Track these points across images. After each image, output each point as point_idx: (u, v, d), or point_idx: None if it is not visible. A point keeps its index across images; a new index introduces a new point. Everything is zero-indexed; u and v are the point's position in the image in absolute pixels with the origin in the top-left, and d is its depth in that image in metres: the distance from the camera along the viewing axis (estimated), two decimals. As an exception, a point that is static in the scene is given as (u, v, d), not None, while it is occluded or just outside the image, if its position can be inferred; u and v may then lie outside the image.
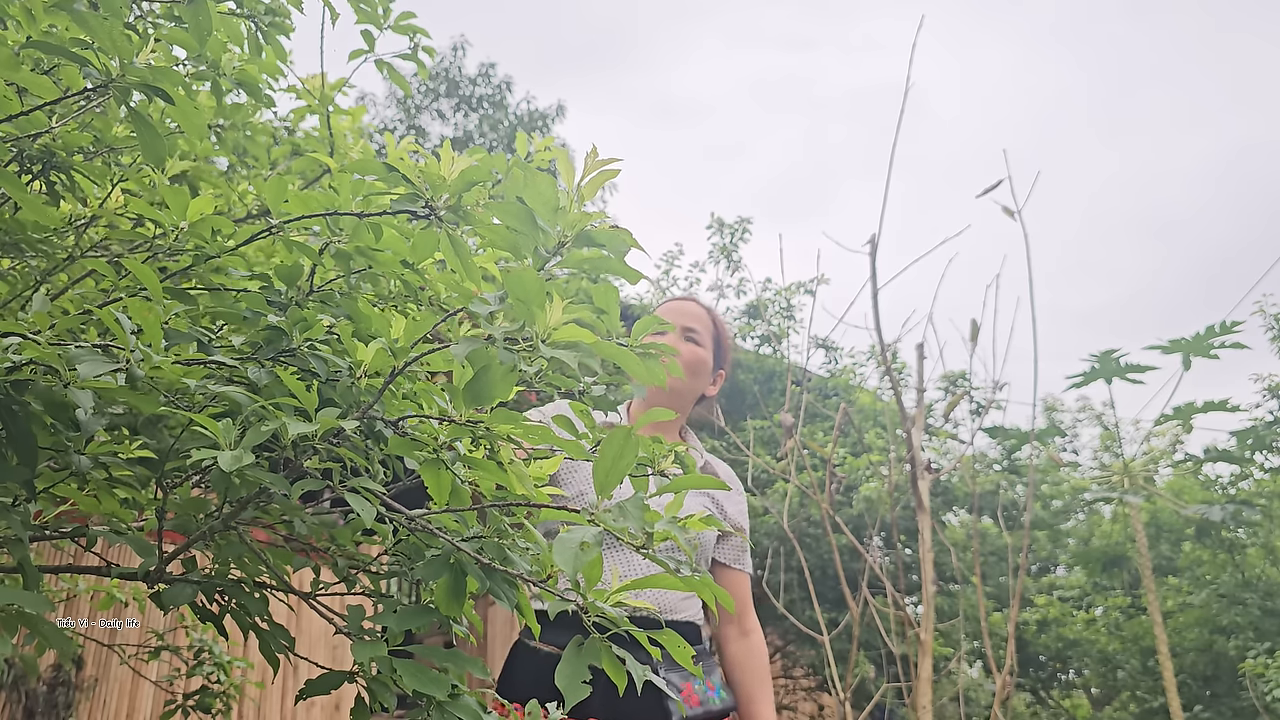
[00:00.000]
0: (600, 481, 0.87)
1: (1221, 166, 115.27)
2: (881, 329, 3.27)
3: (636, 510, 0.85)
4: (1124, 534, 8.73)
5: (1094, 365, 4.29)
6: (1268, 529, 7.79)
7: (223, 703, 3.13)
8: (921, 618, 3.05)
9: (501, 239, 0.87)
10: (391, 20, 1.26)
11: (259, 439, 0.84)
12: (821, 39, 68.14)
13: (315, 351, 0.96)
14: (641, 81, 43.27)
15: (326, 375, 0.96)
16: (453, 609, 0.95)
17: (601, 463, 0.86)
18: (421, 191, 0.91)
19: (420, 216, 0.91)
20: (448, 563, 0.94)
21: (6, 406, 0.82)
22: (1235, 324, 4.11)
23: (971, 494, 7.84)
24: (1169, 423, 4.78)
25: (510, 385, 0.86)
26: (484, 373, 0.85)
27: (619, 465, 0.86)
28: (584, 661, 0.89)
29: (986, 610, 6.77)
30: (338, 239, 0.98)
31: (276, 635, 1.06)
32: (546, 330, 0.85)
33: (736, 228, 9.52)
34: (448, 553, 0.94)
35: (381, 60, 1.32)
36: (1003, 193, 15.87)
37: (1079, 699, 9.98)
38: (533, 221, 0.86)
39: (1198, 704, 7.87)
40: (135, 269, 0.83)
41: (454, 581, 0.95)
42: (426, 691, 0.91)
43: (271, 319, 0.98)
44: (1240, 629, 7.56)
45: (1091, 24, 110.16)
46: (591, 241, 0.89)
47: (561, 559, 0.80)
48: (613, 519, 0.85)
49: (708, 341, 1.94)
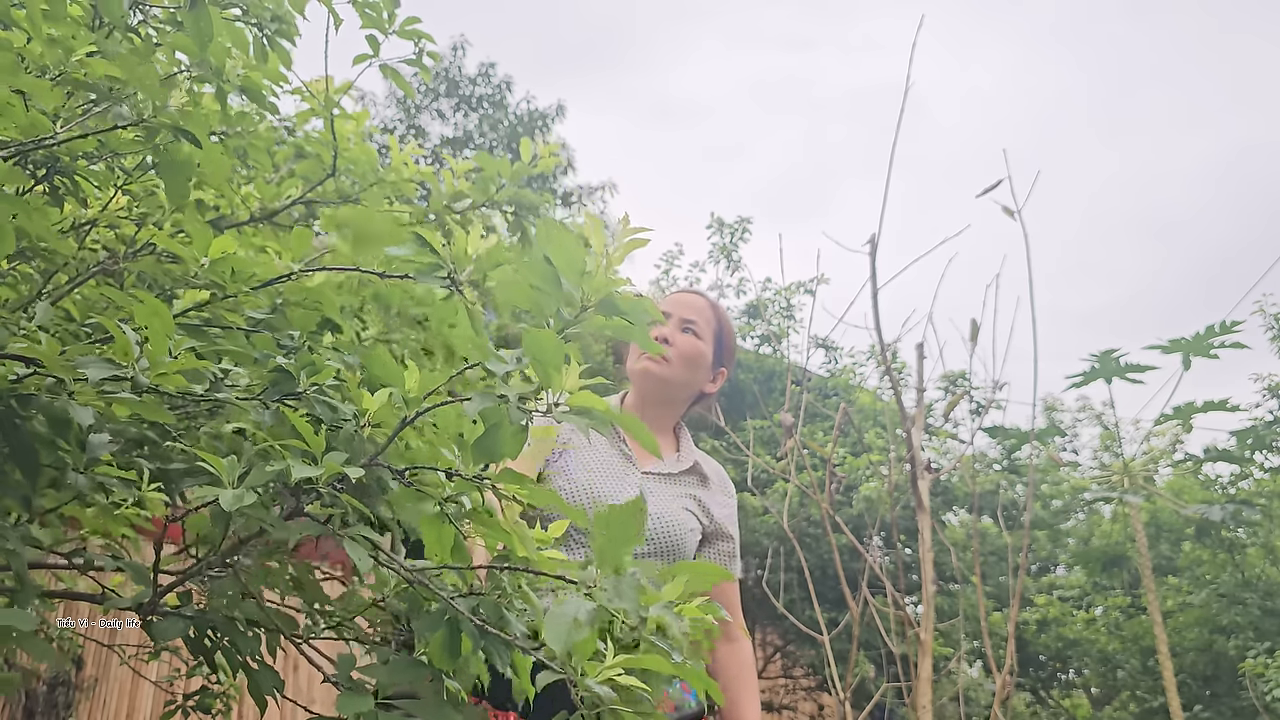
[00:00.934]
0: (604, 555, 0.86)
1: (1222, 167, 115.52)
2: (881, 329, 3.27)
3: (632, 591, 0.84)
4: (1124, 534, 8.74)
5: (1094, 365, 4.29)
6: (1268, 529, 7.79)
7: (223, 703, 3.13)
8: (921, 617, 3.05)
9: (524, 297, 0.87)
10: (396, 26, 1.27)
11: (263, 479, 0.83)
12: (820, 39, 68.21)
13: (321, 397, 0.97)
14: (641, 82, 43.26)
15: (331, 422, 0.96)
16: (446, 663, 0.93)
17: (609, 534, 0.86)
18: (446, 264, 0.93)
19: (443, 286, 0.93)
20: (443, 618, 0.93)
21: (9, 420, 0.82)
22: (1235, 324, 4.11)
23: (971, 494, 7.84)
24: (1169, 423, 4.78)
25: (520, 444, 0.86)
26: (495, 430, 0.85)
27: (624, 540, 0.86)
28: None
29: (986, 610, 6.77)
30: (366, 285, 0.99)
31: (266, 676, 1.05)
32: (561, 393, 0.85)
33: (736, 227, 9.53)
34: (443, 609, 0.93)
35: (386, 66, 1.32)
36: (1003, 193, 15.84)
37: (1079, 699, 9.99)
38: (558, 283, 0.86)
39: (1198, 704, 7.88)
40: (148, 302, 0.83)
41: (450, 637, 0.93)
42: None
43: (279, 360, 0.99)
44: (1240, 629, 7.56)
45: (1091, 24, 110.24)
46: (615, 309, 0.89)
47: (552, 635, 0.78)
48: (607, 598, 0.84)
49: (708, 335, 1.87)
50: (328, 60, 1.33)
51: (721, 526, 1.86)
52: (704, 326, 1.86)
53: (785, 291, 9.41)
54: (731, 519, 1.89)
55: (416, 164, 1.51)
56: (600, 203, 17.76)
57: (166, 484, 1.00)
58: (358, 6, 1.24)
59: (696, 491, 1.85)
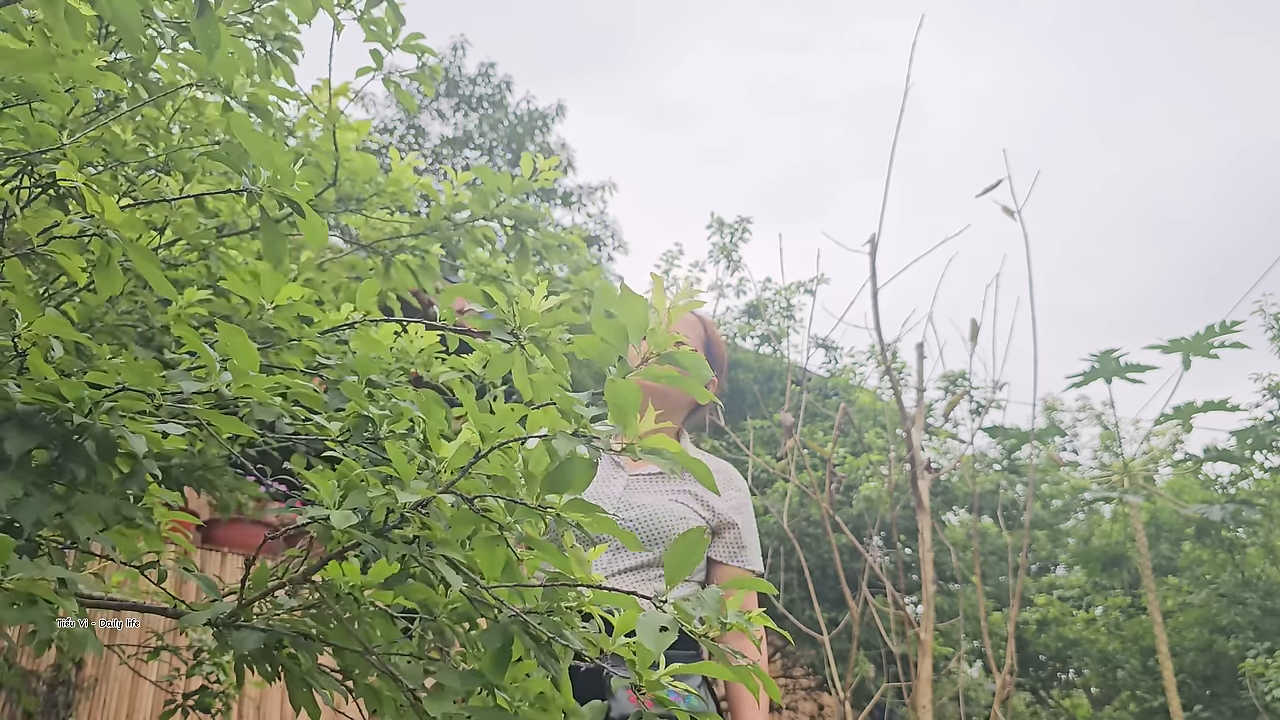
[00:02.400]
0: (670, 572, 0.96)
1: (1222, 167, 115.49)
2: (881, 329, 3.28)
3: (714, 602, 0.95)
4: (1124, 534, 8.74)
5: (1094, 365, 4.30)
6: (1268, 529, 7.80)
7: (222, 702, 3.14)
8: (921, 617, 3.06)
9: (591, 348, 0.97)
10: (400, 40, 1.27)
11: (363, 502, 0.92)
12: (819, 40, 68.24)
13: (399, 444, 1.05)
14: (640, 82, 43.30)
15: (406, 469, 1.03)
16: (497, 676, 1.01)
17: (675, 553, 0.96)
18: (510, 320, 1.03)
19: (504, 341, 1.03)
20: (502, 632, 1.01)
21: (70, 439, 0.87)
22: (1235, 324, 4.12)
23: (971, 494, 7.84)
24: (1169, 422, 4.79)
25: (588, 479, 0.94)
26: (568, 464, 0.94)
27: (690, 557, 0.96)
28: None
29: (986, 610, 6.78)
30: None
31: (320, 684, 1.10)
32: (636, 436, 0.95)
33: (736, 227, 9.53)
34: (506, 624, 1.01)
35: (389, 79, 1.33)
36: (1003, 193, 15.83)
37: (1079, 698, 9.99)
38: (625, 338, 0.97)
39: (1198, 704, 7.89)
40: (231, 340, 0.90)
41: (504, 650, 1.01)
42: None
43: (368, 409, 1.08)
44: (1240, 629, 7.57)
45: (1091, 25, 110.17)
46: (673, 361, 0.99)
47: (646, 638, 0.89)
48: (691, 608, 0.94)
49: (697, 349, 1.95)
50: (331, 71, 1.34)
51: (725, 517, 1.89)
52: (693, 342, 1.97)
53: (785, 291, 9.41)
54: (737, 509, 1.92)
55: (418, 174, 1.52)
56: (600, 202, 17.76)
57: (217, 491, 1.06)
58: (363, 22, 1.25)
59: (692, 487, 1.90)
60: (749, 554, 1.91)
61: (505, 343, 1.04)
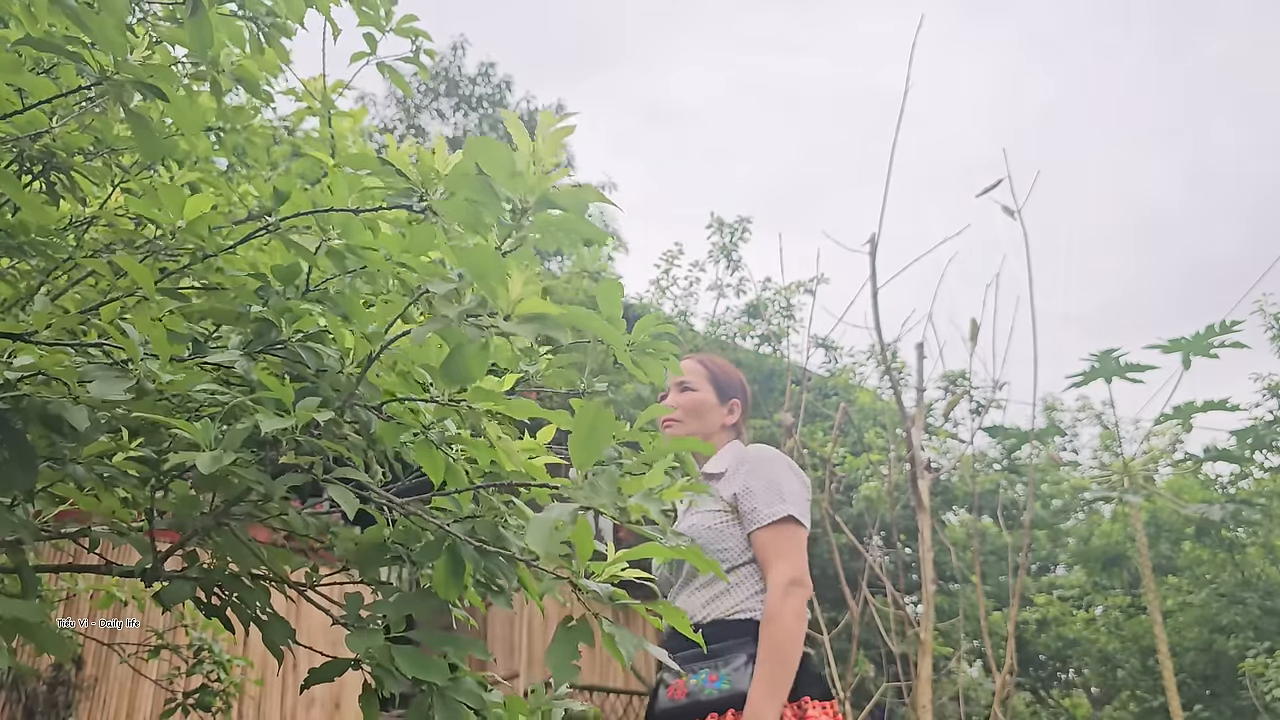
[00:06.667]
0: (577, 455, 0.86)
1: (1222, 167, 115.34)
2: (881, 328, 3.27)
3: (609, 485, 0.85)
4: (1124, 533, 8.74)
5: (1094, 365, 4.29)
6: (1267, 528, 7.79)
7: (223, 701, 3.13)
8: (921, 617, 3.06)
9: (460, 213, 0.85)
10: (393, 23, 1.27)
11: (237, 438, 0.83)
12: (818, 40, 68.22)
13: (304, 344, 0.97)
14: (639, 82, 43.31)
15: (317, 367, 0.96)
16: (450, 592, 0.95)
17: (577, 435, 0.85)
18: (416, 186, 0.91)
19: (415, 211, 0.91)
20: (443, 545, 0.94)
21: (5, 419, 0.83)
22: (1235, 324, 4.11)
23: (971, 493, 7.84)
24: (1169, 422, 4.78)
25: (484, 363, 0.85)
26: (458, 351, 0.85)
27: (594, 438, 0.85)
28: (574, 640, 0.90)
29: (986, 610, 6.77)
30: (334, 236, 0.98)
31: (278, 627, 1.07)
32: (510, 305, 0.83)
33: (736, 227, 9.53)
34: (441, 536, 0.93)
35: (383, 63, 1.32)
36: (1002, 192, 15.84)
37: (1079, 698, 9.98)
38: (491, 191, 0.84)
39: (1198, 703, 7.88)
40: (130, 267, 0.83)
41: (451, 564, 0.95)
42: (426, 678, 0.91)
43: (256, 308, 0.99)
44: (1240, 628, 7.56)
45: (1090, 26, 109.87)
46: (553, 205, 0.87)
47: (535, 539, 0.80)
48: (585, 495, 0.84)
49: (703, 385, 2.15)
50: (324, 60, 1.33)
51: (736, 492, 1.94)
52: (697, 380, 2.16)
53: (785, 291, 9.41)
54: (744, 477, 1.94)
55: (414, 162, 1.51)
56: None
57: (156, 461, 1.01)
58: (355, 4, 1.24)
59: (714, 486, 2.00)
60: (760, 509, 1.91)
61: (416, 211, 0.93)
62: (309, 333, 0.97)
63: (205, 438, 0.84)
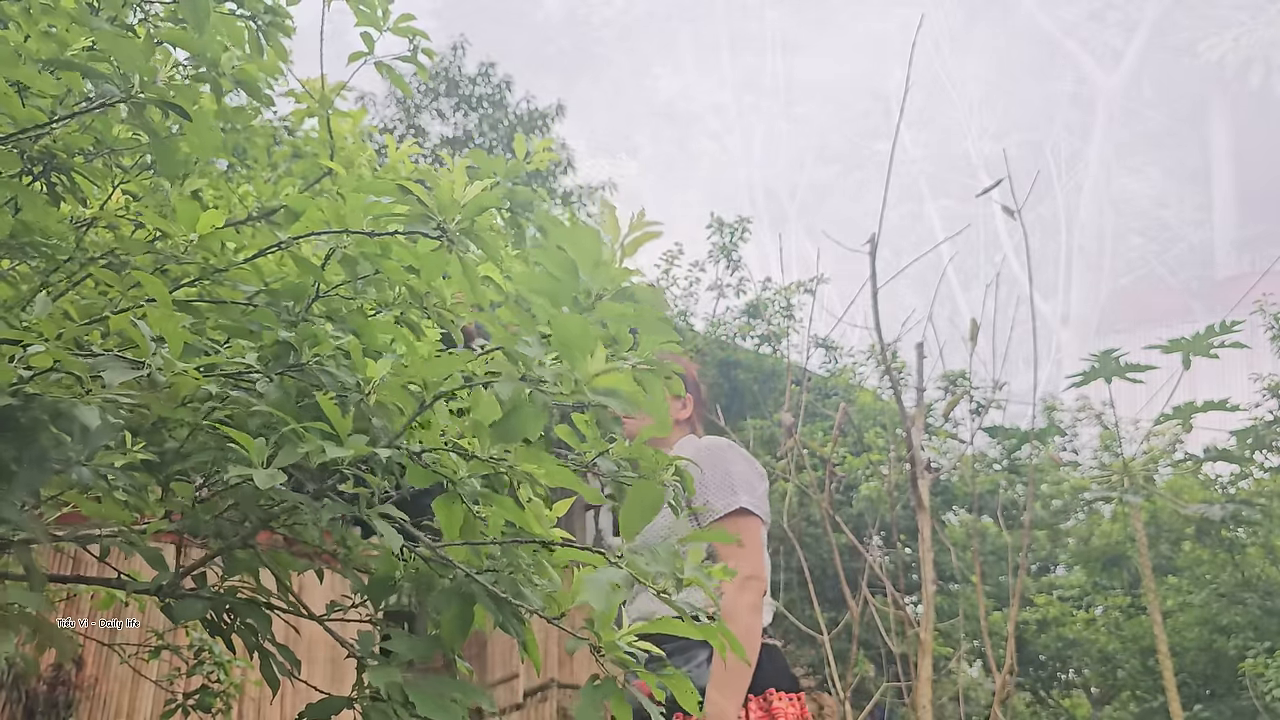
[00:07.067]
0: (627, 527, 0.90)
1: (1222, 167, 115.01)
2: (881, 328, 3.27)
3: (669, 556, 0.89)
4: (1124, 534, 8.73)
5: (1094, 365, 4.29)
6: (1267, 529, 7.79)
7: (223, 701, 3.13)
8: (921, 617, 3.05)
9: (541, 285, 0.88)
10: (391, 22, 1.27)
11: (292, 459, 0.85)
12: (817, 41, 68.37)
13: (324, 368, 0.97)
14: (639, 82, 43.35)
15: (336, 391, 0.96)
16: (457, 641, 0.96)
17: (629, 510, 0.90)
18: (433, 214, 0.92)
19: (432, 238, 0.92)
20: (459, 594, 0.95)
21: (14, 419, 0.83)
22: (1235, 324, 4.11)
23: (971, 493, 7.84)
24: (1169, 422, 4.78)
25: (539, 426, 0.87)
26: (516, 412, 0.86)
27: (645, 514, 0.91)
28: (600, 697, 0.91)
29: (986, 610, 6.77)
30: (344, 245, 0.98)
31: (281, 656, 1.07)
32: (588, 376, 0.86)
33: (736, 227, 9.53)
34: (460, 585, 0.95)
35: (381, 63, 1.32)
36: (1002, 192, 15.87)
37: (1079, 698, 9.97)
38: (575, 272, 0.88)
39: (1198, 703, 7.88)
40: (145, 281, 0.83)
41: (462, 614, 0.96)
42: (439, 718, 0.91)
43: (282, 334, 0.99)
44: (1240, 628, 7.56)
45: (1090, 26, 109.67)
46: (629, 297, 0.91)
47: (593, 597, 0.83)
48: (644, 563, 0.88)
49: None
50: (323, 59, 1.33)
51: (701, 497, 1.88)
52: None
53: (785, 291, 9.41)
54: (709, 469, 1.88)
55: (415, 163, 1.52)
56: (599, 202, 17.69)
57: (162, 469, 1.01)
58: (352, 3, 1.24)
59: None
60: (713, 503, 1.87)
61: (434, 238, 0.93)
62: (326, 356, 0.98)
63: (260, 455, 0.85)
